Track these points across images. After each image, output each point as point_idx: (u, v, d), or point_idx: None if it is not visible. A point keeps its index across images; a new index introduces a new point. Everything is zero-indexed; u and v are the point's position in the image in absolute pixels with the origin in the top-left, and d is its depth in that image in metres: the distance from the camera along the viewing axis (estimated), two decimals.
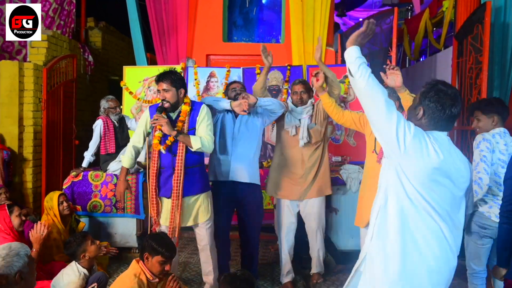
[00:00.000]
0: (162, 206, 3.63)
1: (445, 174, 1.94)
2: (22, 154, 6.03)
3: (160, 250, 2.95)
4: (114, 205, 5.04)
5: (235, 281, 2.62)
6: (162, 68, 6.26)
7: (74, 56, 7.11)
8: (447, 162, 1.93)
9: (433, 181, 1.93)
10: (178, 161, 3.52)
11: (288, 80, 6.14)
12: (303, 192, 4.12)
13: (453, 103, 1.98)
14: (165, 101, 3.52)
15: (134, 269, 3.01)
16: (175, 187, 3.52)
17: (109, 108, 5.33)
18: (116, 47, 9.49)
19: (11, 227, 3.76)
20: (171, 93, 3.51)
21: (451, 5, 7.69)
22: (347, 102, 6.05)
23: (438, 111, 1.99)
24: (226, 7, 7.08)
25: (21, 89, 5.99)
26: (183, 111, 3.58)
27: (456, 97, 2.00)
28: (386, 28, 6.68)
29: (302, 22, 6.38)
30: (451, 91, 2.00)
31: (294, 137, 4.12)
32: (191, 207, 3.63)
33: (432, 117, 2.01)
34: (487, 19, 4.89)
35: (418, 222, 1.95)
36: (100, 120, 5.24)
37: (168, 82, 3.50)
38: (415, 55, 10.41)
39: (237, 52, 6.88)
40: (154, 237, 3.06)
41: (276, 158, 4.25)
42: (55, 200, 4.23)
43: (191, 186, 3.59)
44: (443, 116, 1.99)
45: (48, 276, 3.64)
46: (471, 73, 5.35)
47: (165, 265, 2.99)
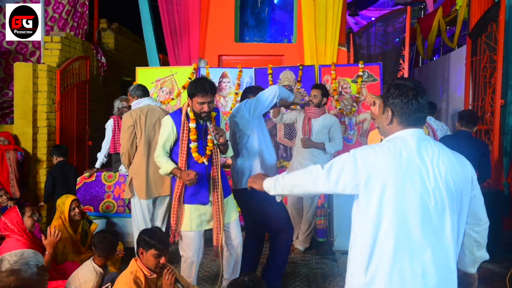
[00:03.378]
0: (191, 216, 3.54)
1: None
2: (36, 155, 6.09)
3: (152, 243, 2.94)
4: (127, 205, 5.07)
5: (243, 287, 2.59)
6: (175, 69, 6.36)
7: (87, 57, 7.17)
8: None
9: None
10: (216, 168, 3.54)
11: (300, 80, 6.13)
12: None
13: (416, 92, 1.86)
14: (207, 112, 3.39)
15: (131, 267, 3.02)
16: (216, 193, 3.53)
17: (123, 107, 5.37)
18: (129, 48, 9.54)
19: (24, 229, 3.74)
20: (213, 102, 3.46)
21: (464, 3, 7.61)
22: (359, 102, 6.02)
23: (405, 104, 1.87)
24: (238, 8, 7.08)
25: (35, 91, 6.04)
26: (212, 116, 3.55)
27: (417, 86, 1.89)
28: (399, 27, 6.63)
29: (314, 22, 6.37)
30: (409, 82, 1.91)
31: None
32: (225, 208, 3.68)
33: (401, 113, 1.88)
34: (502, 17, 4.84)
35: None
36: (111, 120, 5.29)
37: (213, 95, 3.41)
38: (428, 54, 10.32)
39: (249, 53, 6.88)
40: (146, 232, 3.07)
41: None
42: (67, 205, 4.16)
43: (224, 190, 3.63)
44: (412, 108, 1.86)
45: (62, 276, 3.66)
46: (485, 72, 5.29)
47: (160, 258, 2.98)
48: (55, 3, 7.23)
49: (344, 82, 6.11)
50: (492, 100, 5.05)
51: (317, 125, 4.91)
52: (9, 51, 7.16)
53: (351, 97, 6.05)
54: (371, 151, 1.87)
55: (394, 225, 1.78)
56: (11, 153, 5.62)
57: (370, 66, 6.16)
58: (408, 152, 1.82)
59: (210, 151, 3.49)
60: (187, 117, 3.47)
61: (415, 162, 1.80)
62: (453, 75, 7.70)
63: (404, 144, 1.84)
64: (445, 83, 8.05)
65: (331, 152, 4.88)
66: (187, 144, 3.47)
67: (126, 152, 4.31)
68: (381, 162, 1.81)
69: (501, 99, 5.06)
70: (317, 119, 4.92)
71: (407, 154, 1.81)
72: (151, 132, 4.29)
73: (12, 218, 3.75)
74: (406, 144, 1.84)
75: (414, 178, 1.78)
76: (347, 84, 6.10)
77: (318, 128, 4.90)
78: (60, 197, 4.36)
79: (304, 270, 4.66)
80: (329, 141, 4.88)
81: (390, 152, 1.83)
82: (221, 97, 6.25)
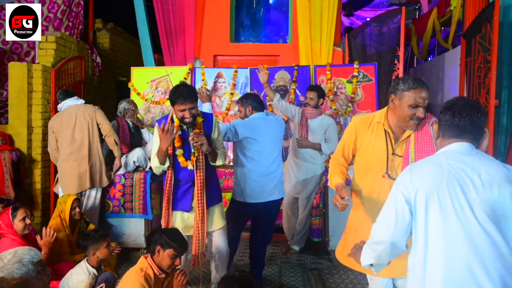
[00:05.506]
0: (175, 220, 3.56)
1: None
2: (31, 155, 6.06)
3: (172, 244, 2.97)
4: (122, 205, 5.06)
5: (233, 283, 2.61)
6: (170, 69, 6.35)
7: (82, 57, 7.15)
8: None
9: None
10: (200, 175, 3.45)
11: (296, 80, 6.14)
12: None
13: (464, 108, 1.94)
14: (188, 118, 3.36)
15: (141, 264, 3.03)
16: (198, 201, 3.45)
17: (129, 109, 5.36)
18: (124, 48, 9.52)
19: (14, 231, 3.74)
20: (196, 109, 3.42)
21: (459, 4, 7.65)
22: (354, 102, 6.04)
23: (449, 120, 1.96)
24: (234, 8, 7.08)
25: (29, 91, 6.02)
26: (198, 122, 3.49)
27: (468, 103, 1.96)
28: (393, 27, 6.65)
29: (309, 22, 6.38)
30: (463, 100, 1.99)
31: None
32: (208, 216, 3.58)
33: (445, 126, 1.99)
34: (496, 18, 4.86)
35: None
36: (115, 121, 5.29)
37: (193, 100, 3.37)
38: (423, 55, 10.37)
39: (244, 53, 6.89)
40: (167, 231, 3.10)
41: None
42: (69, 204, 4.18)
43: (210, 198, 3.55)
44: (454, 123, 1.95)
45: (57, 277, 3.66)
46: (480, 72, 5.31)
47: (176, 259, 3.01)
48: (50, 2, 7.21)
49: (339, 83, 6.13)
50: (486, 101, 5.06)
51: (314, 126, 4.93)
52: (3, 50, 7.14)
53: (346, 98, 6.07)
54: (418, 165, 1.98)
55: (441, 241, 1.80)
56: (6, 153, 5.59)
57: (365, 66, 6.18)
58: (449, 164, 1.86)
59: (195, 157, 3.43)
60: (172, 123, 3.44)
61: (457, 174, 1.83)
62: (448, 76, 7.73)
63: (446, 157, 1.91)
64: (440, 83, 8.08)
65: (327, 153, 4.89)
66: (173, 149, 3.48)
67: (51, 152, 5.15)
68: (426, 176, 1.88)
69: (495, 100, 5.08)
70: (314, 119, 4.94)
71: (448, 167, 1.85)
72: (70, 132, 4.93)
73: (4, 220, 3.75)
74: (448, 157, 1.90)
75: (457, 190, 1.80)
76: (342, 84, 6.12)
77: (315, 128, 4.92)
78: (62, 196, 4.36)
79: (299, 269, 4.67)
80: (325, 142, 4.90)
81: (432, 165, 1.91)
82: (216, 97, 6.25)
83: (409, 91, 2.52)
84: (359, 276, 4.42)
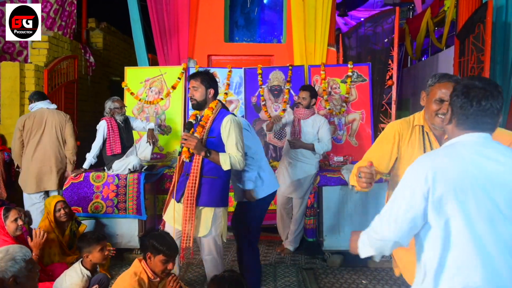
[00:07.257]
0: (171, 207, 3.52)
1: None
2: None
3: (162, 249, 2.93)
4: (115, 206, 5.03)
5: (223, 283, 2.59)
6: (164, 69, 6.33)
7: (75, 57, 7.11)
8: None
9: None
10: (194, 169, 3.35)
11: (290, 80, 6.13)
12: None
13: (482, 93, 1.70)
14: (192, 99, 3.43)
15: (135, 267, 3.01)
16: (188, 194, 3.33)
17: (115, 108, 5.24)
18: (118, 47, 9.48)
19: (6, 232, 3.71)
20: (200, 92, 3.40)
21: (452, 5, 7.68)
22: (349, 102, 6.04)
23: (464, 104, 1.72)
24: (228, 7, 7.07)
25: (22, 90, 5.99)
26: (205, 115, 3.41)
27: (486, 86, 1.71)
28: (387, 28, 6.66)
29: (303, 22, 6.38)
30: (479, 81, 1.73)
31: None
32: (197, 218, 3.42)
33: (459, 113, 1.74)
34: (489, 18, 4.88)
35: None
36: (104, 122, 5.13)
37: (198, 80, 3.40)
38: (416, 55, 10.41)
39: (238, 53, 6.88)
40: (155, 236, 3.03)
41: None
42: (53, 206, 4.13)
43: (201, 196, 3.38)
44: (471, 110, 1.71)
45: (49, 278, 3.63)
46: (473, 72, 5.33)
47: (168, 264, 2.97)
48: (43, 2, 7.16)
49: (333, 82, 6.14)
50: None
51: (306, 126, 4.92)
52: None
53: (340, 97, 6.08)
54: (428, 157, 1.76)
55: (470, 245, 1.60)
56: None
57: (359, 66, 6.19)
58: (472, 159, 1.66)
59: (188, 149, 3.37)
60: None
61: (479, 170, 1.63)
62: None
63: (465, 148, 1.69)
64: None
65: (320, 153, 4.90)
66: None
67: (14, 148, 5.23)
68: (448, 170, 1.65)
69: None
70: (306, 120, 4.93)
71: (466, 161, 1.66)
72: (39, 134, 5.12)
73: None
74: (466, 149, 1.69)
75: (480, 189, 1.61)
76: (336, 84, 6.13)
77: (307, 129, 4.92)
78: (48, 198, 4.32)
79: (293, 270, 4.67)
80: (318, 142, 4.90)
81: (454, 160, 1.67)
82: None
83: (434, 85, 2.40)
84: (354, 276, 4.43)
